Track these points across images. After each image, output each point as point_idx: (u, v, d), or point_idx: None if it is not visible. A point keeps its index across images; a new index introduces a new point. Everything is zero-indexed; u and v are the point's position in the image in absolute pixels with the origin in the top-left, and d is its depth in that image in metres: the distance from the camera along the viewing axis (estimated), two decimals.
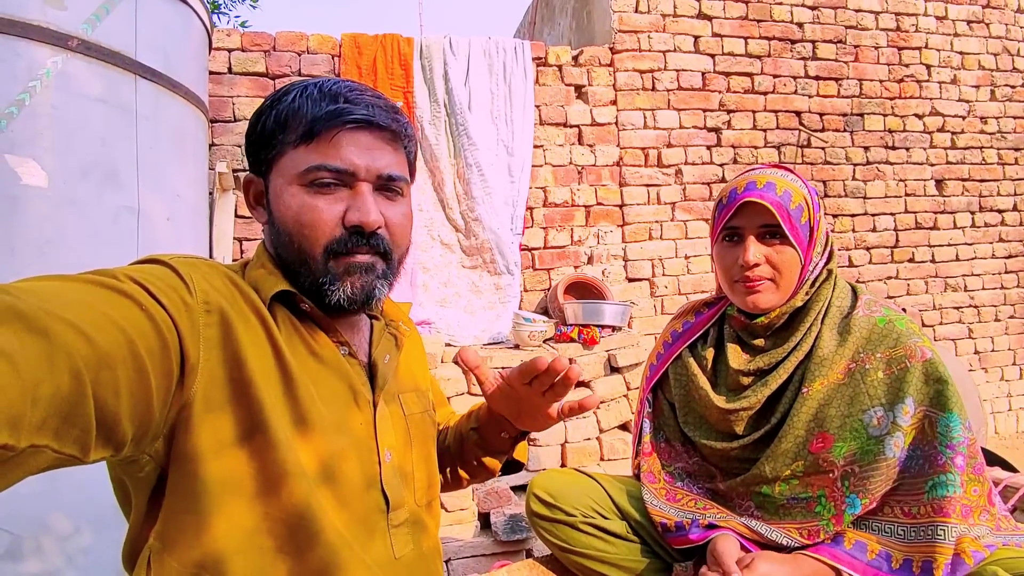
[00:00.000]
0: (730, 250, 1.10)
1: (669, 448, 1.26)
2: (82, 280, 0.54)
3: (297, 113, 0.68)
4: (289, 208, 0.68)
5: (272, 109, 0.70)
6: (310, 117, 0.67)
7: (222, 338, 0.62)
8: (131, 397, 0.52)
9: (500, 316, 2.67)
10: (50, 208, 1.41)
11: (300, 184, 0.68)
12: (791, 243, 1.04)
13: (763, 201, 1.03)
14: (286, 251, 0.70)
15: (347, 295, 0.70)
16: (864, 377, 1.00)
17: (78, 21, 1.47)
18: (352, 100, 0.69)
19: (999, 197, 3.61)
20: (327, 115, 0.67)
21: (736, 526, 1.06)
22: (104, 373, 0.49)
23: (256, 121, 0.71)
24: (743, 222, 1.07)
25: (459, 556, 1.94)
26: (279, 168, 0.70)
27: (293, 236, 0.69)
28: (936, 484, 0.94)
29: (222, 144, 2.52)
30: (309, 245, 0.68)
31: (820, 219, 1.08)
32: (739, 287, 1.09)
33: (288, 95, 0.70)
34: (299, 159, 0.68)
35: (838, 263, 3.24)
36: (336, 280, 0.69)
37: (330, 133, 0.68)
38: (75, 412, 0.47)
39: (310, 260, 0.69)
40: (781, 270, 1.05)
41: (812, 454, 1.02)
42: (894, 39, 3.43)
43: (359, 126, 0.69)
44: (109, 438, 0.51)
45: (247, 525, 0.62)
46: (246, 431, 0.62)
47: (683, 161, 3.09)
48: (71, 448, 0.48)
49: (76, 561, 1.40)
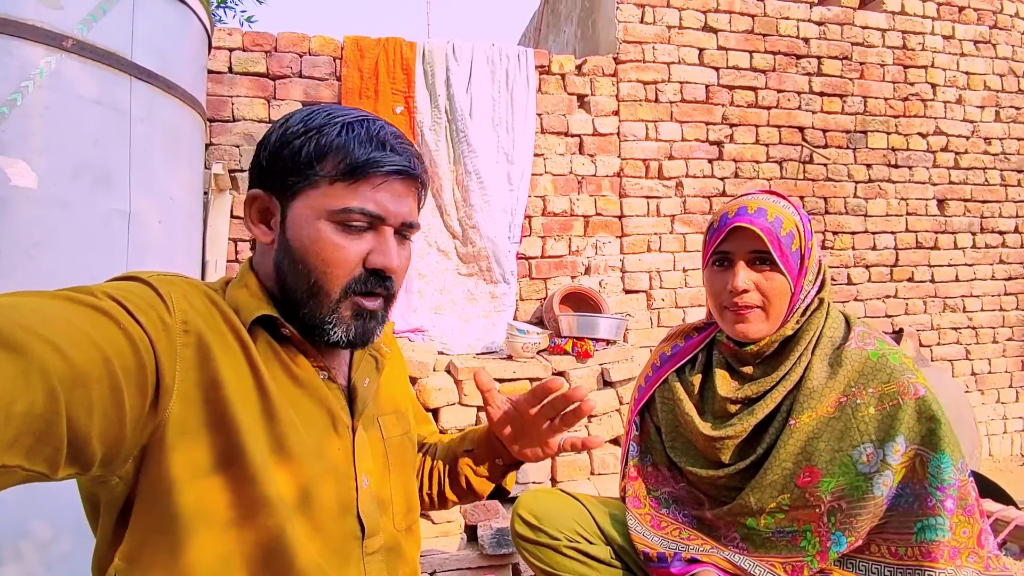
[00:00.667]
0: (719, 275, 1.09)
1: (656, 472, 1.25)
2: (60, 297, 0.54)
3: (341, 150, 0.68)
4: (314, 241, 0.68)
5: (308, 136, 0.68)
6: (356, 158, 0.68)
7: (199, 359, 0.61)
8: (103, 417, 0.51)
9: (495, 325, 2.65)
10: (40, 210, 1.40)
11: (330, 220, 0.68)
12: (781, 270, 1.03)
13: (753, 227, 1.02)
14: (296, 280, 0.69)
15: (347, 338, 0.71)
16: (855, 412, 0.99)
17: (74, 21, 1.45)
18: (396, 150, 0.71)
19: (1001, 219, 3.59)
20: (374, 161, 0.68)
21: (719, 561, 1.05)
22: (78, 392, 0.48)
23: (285, 142, 0.69)
24: (733, 247, 1.07)
25: (444, 569, 1.93)
26: (308, 197, 0.68)
27: (312, 270, 0.68)
28: (925, 527, 0.93)
29: (220, 144, 2.51)
30: (327, 282, 0.68)
31: (812, 247, 1.07)
32: (728, 314, 1.08)
33: (330, 127, 0.69)
34: (335, 196, 0.68)
35: (837, 281, 3.24)
36: (341, 322, 0.70)
37: (374, 179, 0.69)
38: (48, 430, 0.46)
39: (323, 296, 0.69)
40: (770, 298, 1.04)
41: (799, 488, 1.01)
42: (900, 57, 3.42)
43: (398, 175, 0.70)
44: (77, 457, 0.51)
45: (219, 554, 0.61)
46: (222, 457, 0.61)
47: (684, 174, 3.07)
48: (40, 466, 0.48)
49: (55, 568, 1.39)
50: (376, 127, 0.71)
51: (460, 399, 2.17)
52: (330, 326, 0.69)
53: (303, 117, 0.71)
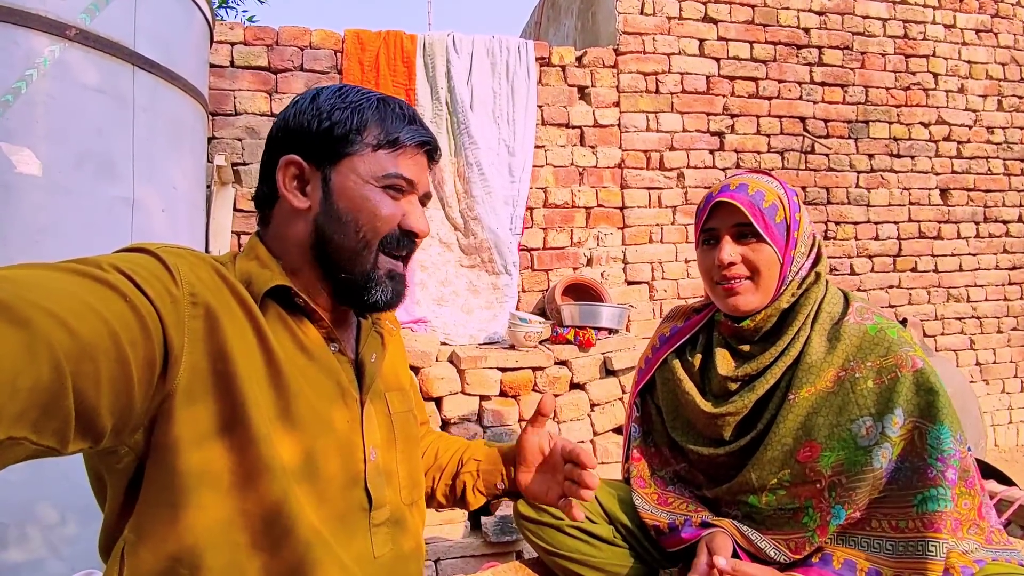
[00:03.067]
0: (708, 253, 1.11)
1: (658, 453, 1.26)
2: (65, 269, 0.54)
3: (382, 123, 0.75)
4: (365, 200, 0.73)
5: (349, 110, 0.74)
6: (398, 130, 0.75)
7: (207, 330, 0.62)
8: (112, 389, 0.51)
9: (497, 316, 2.66)
10: (44, 197, 1.41)
11: (376, 184, 0.74)
12: (767, 241, 1.04)
13: (733, 201, 1.04)
14: (346, 238, 0.73)
15: (385, 298, 0.76)
16: (854, 386, 0.99)
17: (77, 10, 1.47)
18: (423, 125, 0.80)
19: (1004, 208, 3.58)
20: (412, 133, 0.76)
21: (729, 526, 1.05)
22: (85, 364, 0.48)
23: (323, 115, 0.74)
24: (717, 223, 1.08)
25: (448, 556, 1.93)
26: (353, 164, 0.73)
27: (362, 227, 0.73)
28: (926, 498, 0.92)
29: (222, 137, 2.52)
30: (373, 234, 0.73)
31: (800, 219, 1.07)
32: (719, 289, 1.09)
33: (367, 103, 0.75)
34: (379, 162, 0.74)
35: (840, 271, 3.23)
36: (380, 283, 0.75)
37: (410, 151, 0.76)
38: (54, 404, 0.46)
39: (366, 249, 0.73)
40: (758, 268, 1.05)
41: (799, 463, 1.01)
42: (901, 47, 3.41)
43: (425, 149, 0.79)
44: (88, 430, 0.51)
45: (221, 519, 0.61)
46: (226, 424, 0.62)
47: (685, 165, 3.07)
48: (49, 440, 0.48)
49: (61, 551, 1.40)
50: (405, 105, 0.79)
51: (463, 388, 2.18)
52: (372, 284, 0.74)
53: (335, 92, 0.76)
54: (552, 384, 2.26)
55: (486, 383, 2.18)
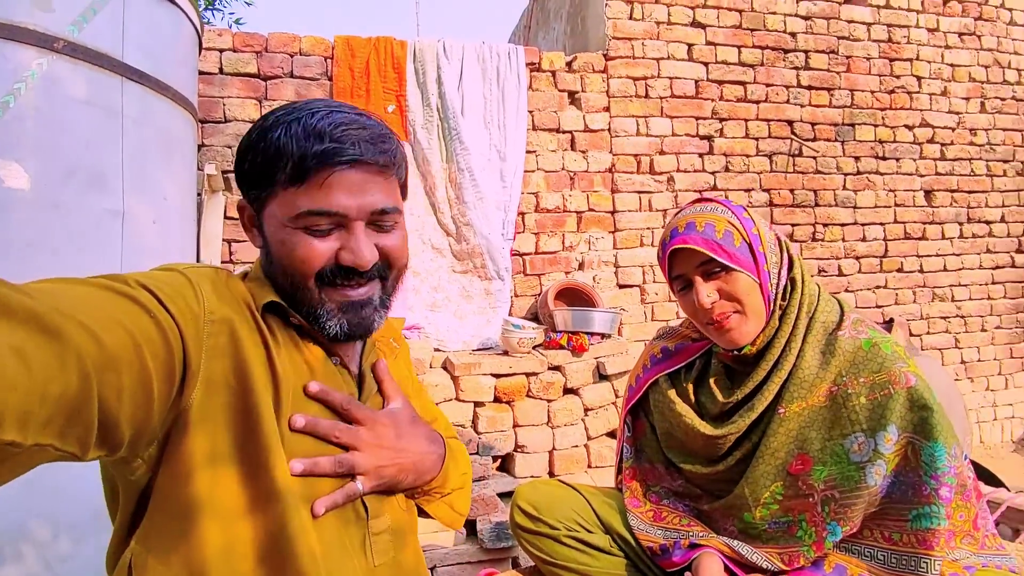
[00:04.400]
0: (687, 297, 1.09)
1: (653, 469, 1.25)
2: (94, 284, 0.56)
3: (282, 153, 0.66)
4: (284, 244, 0.69)
5: (260, 143, 0.68)
6: (297, 158, 0.65)
7: (227, 348, 0.63)
8: (132, 400, 0.53)
9: (490, 322, 2.66)
10: (32, 211, 1.40)
11: (294, 227, 0.68)
12: (737, 270, 1.03)
13: (688, 244, 1.03)
14: (281, 280, 0.71)
15: (344, 331, 0.71)
16: (846, 401, 0.99)
17: (65, 23, 1.45)
18: (339, 139, 0.66)
19: (987, 208, 3.64)
20: (314, 156, 0.65)
21: (718, 544, 1.06)
22: (109, 375, 0.50)
23: (244, 155, 0.70)
24: (683, 268, 1.07)
25: (444, 564, 1.94)
26: (271, 206, 0.70)
27: (286, 268, 0.70)
28: (920, 515, 0.92)
29: (212, 145, 2.50)
30: (301, 277, 0.69)
31: (759, 234, 1.06)
32: (712, 330, 1.07)
33: (274, 131, 0.68)
34: (290, 202, 0.67)
35: (828, 273, 3.27)
36: (331, 316, 0.70)
37: (320, 176, 0.66)
38: (80, 412, 0.48)
39: (304, 289, 0.70)
40: (740, 298, 1.03)
41: (791, 475, 1.01)
42: (886, 50, 3.45)
43: (349, 166, 0.67)
44: (106, 439, 0.53)
45: (227, 539, 0.62)
46: (239, 444, 0.63)
47: (675, 168, 3.09)
48: (72, 447, 0.49)
49: (55, 568, 1.39)
50: (316, 119, 0.67)
51: (457, 395, 2.18)
52: (323, 319, 0.70)
53: (261, 122, 0.70)
54: (546, 389, 2.27)
55: (480, 389, 2.19)
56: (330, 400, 0.71)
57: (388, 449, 0.74)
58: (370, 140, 0.69)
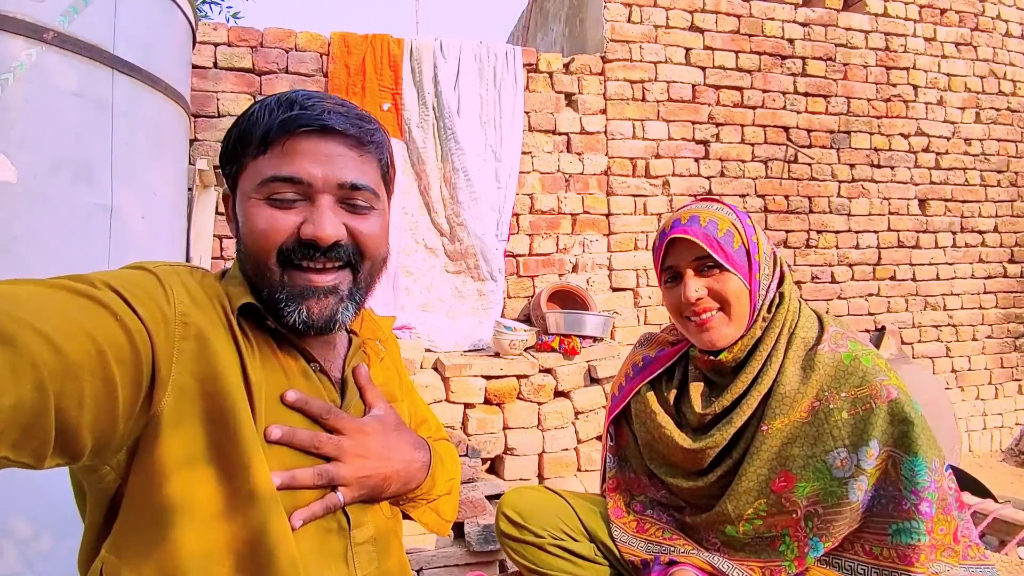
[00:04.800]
0: (673, 291, 1.08)
1: (637, 479, 1.25)
2: (56, 286, 0.53)
3: (255, 124, 0.66)
4: (248, 218, 0.66)
5: (236, 125, 0.69)
6: (264, 126, 0.65)
7: (198, 351, 0.61)
8: (95, 408, 0.51)
9: (482, 323, 2.65)
10: (18, 204, 1.38)
11: (258, 197, 0.66)
12: (730, 271, 1.02)
13: (688, 236, 1.02)
14: (247, 263, 0.69)
15: (303, 319, 0.67)
16: (828, 417, 0.98)
17: (55, 13, 1.43)
18: (307, 106, 0.66)
19: (980, 218, 3.66)
20: (280, 123, 0.65)
21: (697, 561, 1.05)
22: (69, 384, 0.48)
23: (226, 138, 0.71)
24: (677, 260, 1.06)
25: (431, 566, 1.93)
26: (241, 182, 0.68)
27: (250, 247, 0.67)
28: (900, 530, 0.92)
29: (204, 140, 2.48)
30: (263, 254, 0.66)
31: (758, 242, 1.06)
32: (691, 326, 1.06)
33: (251, 110, 0.69)
34: (256, 171, 0.66)
35: (821, 280, 3.27)
36: (292, 301, 0.66)
37: (282, 140, 0.65)
38: (35, 424, 0.46)
39: (266, 270, 0.66)
40: (727, 298, 1.03)
41: (775, 493, 1.00)
42: (883, 59, 3.46)
43: (313, 131, 0.65)
44: (66, 448, 0.51)
45: (205, 546, 0.60)
46: (215, 449, 0.61)
47: (671, 172, 3.09)
48: (26, 457, 0.47)
49: (36, 566, 1.37)
50: (290, 93, 0.68)
51: (447, 396, 2.17)
52: (282, 305, 0.66)
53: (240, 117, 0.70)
54: (537, 392, 2.27)
55: (470, 391, 2.18)
56: (308, 409, 0.69)
57: (371, 458, 0.72)
58: (344, 114, 0.68)
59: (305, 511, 0.65)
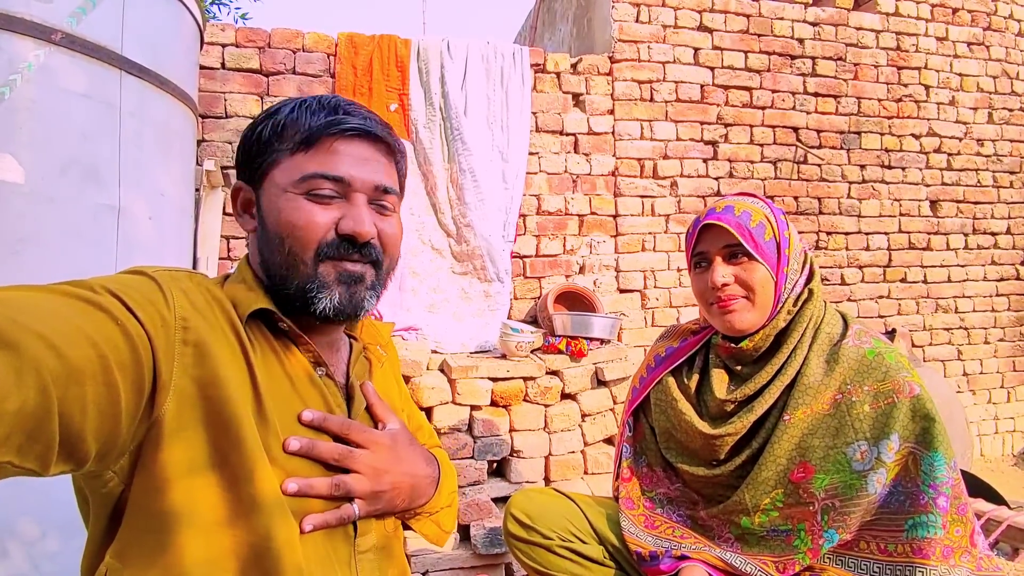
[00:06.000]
0: (701, 276, 1.12)
1: (651, 473, 1.25)
2: (57, 291, 0.53)
3: (296, 123, 0.69)
4: (283, 211, 0.68)
5: (269, 120, 0.71)
6: (308, 125, 0.69)
7: (198, 356, 0.61)
8: (98, 414, 0.51)
9: (488, 324, 2.64)
10: (26, 205, 1.38)
11: (295, 191, 0.68)
12: (758, 260, 1.05)
13: (720, 223, 1.06)
14: (275, 255, 0.69)
15: (334, 304, 0.69)
16: (850, 410, 0.99)
17: (63, 14, 1.43)
18: (349, 112, 0.71)
19: (993, 220, 3.61)
20: (325, 124, 0.69)
21: (708, 558, 1.05)
22: (72, 389, 0.48)
23: (251, 132, 0.72)
24: (707, 246, 1.10)
25: (437, 569, 1.92)
26: (274, 175, 0.70)
27: (285, 239, 0.68)
28: (916, 524, 0.93)
29: (212, 140, 2.49)
30: (300, 247, 0.68)
31: (789, 237, 1.08)
32: (715, 309, 1.10)
33: (285, 107, 0.71)
34: (296, 166, 0.69)
35: (830, 281, 3.25)
36: (324, 288, 0.68)
37: (328, 141, 0.69)
38: (40, 428, 0.46)
39: (300, 263, 0.68)
40: (752, 287, 1.06)
41: (792, 483, 1.01)
42: (894, 59, 3.43)
43: (356, 135, 0.70)
44: (71, 454, 0.51)
45: (209, 554, 0.60)
46: (218, 454, 0.60)
47: (679, 173, 3.07)
48: (32, 463, 0.47)
49: (42, 567, 1.37)
50: (327, 98, 0.72)
51: (453, 398, 2.16)
52: (313, 293, 0.68)
53: (266, 109, 0.73)
54: (543, 394, 2.25)
55: (477, 393, 2.17)
56: (326, 427, 0.69)
57: (387, 473, 0.73)
58: (378, 121, 0.74)
59: (318, 518, 0.66)
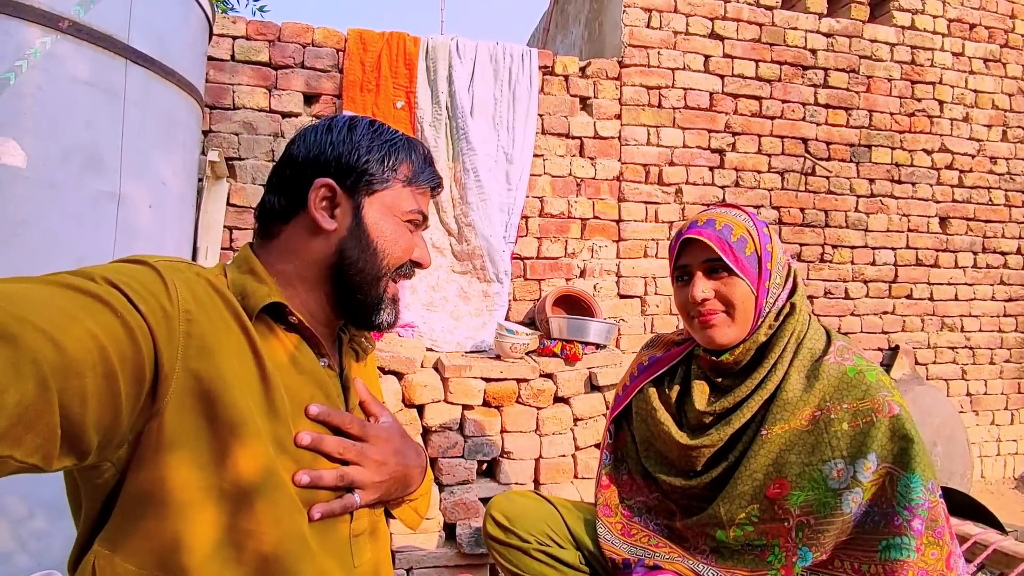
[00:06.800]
0: (682, 290, 1.12)
1: (631, 481, 1.25)
2: (55, 283, 0.54)
3: (411, 164, 0.82)
4: (391, 230, 0.79)
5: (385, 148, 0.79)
6: (424, 172, 0.83)
7: (200, 347, 0.61)
8: (99, 405, 0.51)
9: (486, 324, 2.65)
10: (27, 189, 1.40)
11: (403, 219, 0.81)
12: (739, 275, 1.04)
13: (701, 237, 1.05)
14: (366, 264, 0.77)
15: (390, 320, 0.82)
16: (828, 427, 0.99)
17: (71, 2, 1.45)
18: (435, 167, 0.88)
19: (1003, 239, 3.56)
20: (431, 176, 0.84)
21: (680, 568, 1.05)
22: (72, 381, 0.48)
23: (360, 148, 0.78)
24: (688, 260, 1.10)
25: (421, 566, 1.92)
26: (384, 196, 0.79)
27: (381, 254, 0.78)
28: (890, 546, 0.92)
29: (219, 131, 2.51)
30: (393, 262, 0.79)
31: (772, 250, 1.07)
32: (695, 323, 1.10)
33: (398, 141, 0.81)
34: (406, 199, 0.81)
35: (834, 295, 3.22)
36: (388, 305, 0.81)
37: (426, 188, 0.84)
38: (40, 421, 0.47)
39: (381, 278, 0.79)
40: (732, 302, 1.05)
41: (768, 499, 1.01)
42: (908, 72, 3.39)
43: (434, 189, 0.87)
44: (73, 447, 0.51)
45: (211, 538, 0.61)
46: (220, 444, 0.61)
47: (684, 180, 3.06)
48: (34, 458, 0.48)
49: (28, 546, 1.39)
50: (426, 148, 0.87)
51: (446, 396, 2.17)
52: (381, 307, 0.80)
53: (369, 127, 0.81)
54: (536, 397, 2.25)
55: (469, 392, 2.17)
56: (331, 421, 0.74)
57: (386, 464, 0.77)
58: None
59: (325, 507, 0.70)
